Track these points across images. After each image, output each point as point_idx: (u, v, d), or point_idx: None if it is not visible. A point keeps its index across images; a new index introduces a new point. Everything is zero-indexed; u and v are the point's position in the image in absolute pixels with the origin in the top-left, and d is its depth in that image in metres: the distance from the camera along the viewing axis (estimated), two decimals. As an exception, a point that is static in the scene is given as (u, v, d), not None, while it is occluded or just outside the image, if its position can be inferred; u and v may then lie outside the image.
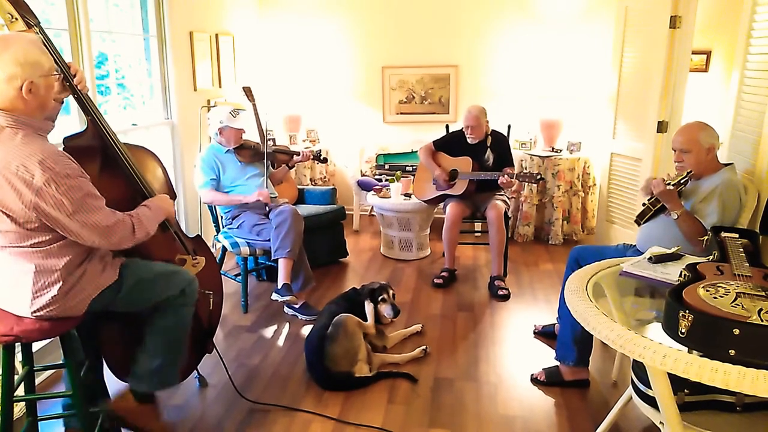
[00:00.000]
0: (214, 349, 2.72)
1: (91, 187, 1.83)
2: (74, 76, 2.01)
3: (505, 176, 3.74)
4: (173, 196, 2.42)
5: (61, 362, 2.04)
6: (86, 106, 2.07)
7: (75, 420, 2.15)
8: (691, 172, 2.55)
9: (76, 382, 1.98)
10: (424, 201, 4.29)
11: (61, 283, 1.82)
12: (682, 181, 2.55)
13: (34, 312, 1.81)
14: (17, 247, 1.78)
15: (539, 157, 4.88)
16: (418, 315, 3.56)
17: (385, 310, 3.09)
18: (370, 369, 2.81)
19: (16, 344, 1.91)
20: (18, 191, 1.68)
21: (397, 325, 3.38)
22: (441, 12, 5.35)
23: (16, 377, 1.98)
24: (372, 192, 4.74)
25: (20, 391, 2.08)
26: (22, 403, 2.37)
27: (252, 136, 3.92)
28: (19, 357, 2.05)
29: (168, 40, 4.06)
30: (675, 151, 2.64)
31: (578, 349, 2.68)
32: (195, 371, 2.80)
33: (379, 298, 3.09)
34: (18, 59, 1.68)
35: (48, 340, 2.78)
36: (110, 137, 2.13)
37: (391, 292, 3.16)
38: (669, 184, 2.54)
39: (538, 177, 3.65)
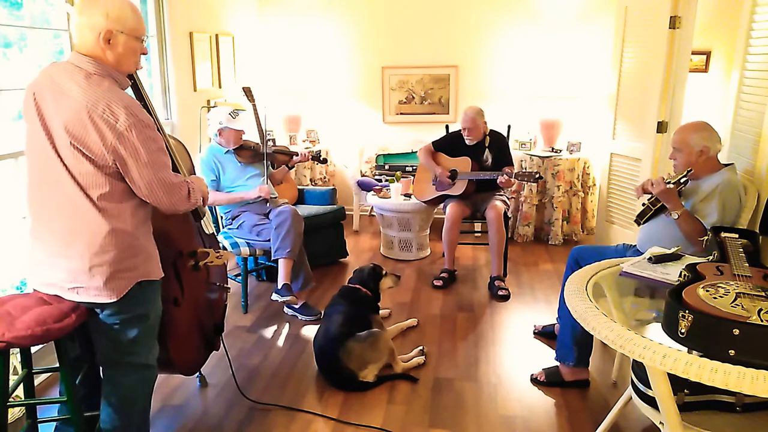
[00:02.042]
0: (222, 346, 2.72)
1: (163, 143, 1.89)
2: None
3: (504, 176, 3.74)
4: None
5: (55, 366, 2.02)
6: (139, 90, 2.10)
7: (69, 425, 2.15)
8: (691, 171, 2.54)
9: (70, 387, 1.97)
10: (424, 201, 4.29)
11: (127, 244, 1.84)
12: (681, 180, 2.55)
13: (93, 266, 1.80)
14: (93, 194, 1.78)
15: (539, 157, 4.88)
16: (418, 315, 3.56)
17: (391, 280, 3.29)
18: (374, 377, 2.81)
19: (11, 349, 1.89)
20: (101, 132, 1.73)
21: (393, 319, 3.40)
22: (441, 12, 5.35)
23: (14, 379, 1.98)
24: (372, 192, 4.74)
25: (20, 392, 2.07)
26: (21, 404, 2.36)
27: (252, 136, 3.92)
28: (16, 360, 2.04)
29: (168, 40, 4.06)
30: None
31: (578, 349, 2.68)
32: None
33: (383, 273, 3.26)
34: (105, 10, 1.77)
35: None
36: (158, 123, 2.15)
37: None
38: (669, 183, 2.54)
39: (537, 176, 3.65)
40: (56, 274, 1.85)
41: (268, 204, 3.64)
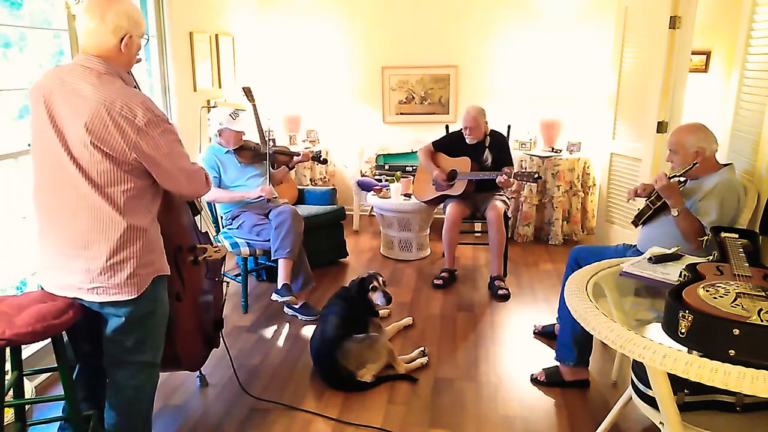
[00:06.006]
0: (223, 344, 2.72)
1: (178, 135, 1.94)
2: None
3: (503, 176, 3.74)
4: None
5: (53, 366, 2.02)
6: (137, 88, 2.11)
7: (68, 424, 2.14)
8: (696, 164, 2.52)
9: (69, 385, 1.97)
10: (424, 201, 4.29)
11: (144, 241, 1.87)
12: (685, 172, 2.53)
13: (113, 264, 1.81)
14: (111, 192, 1.80)
15: (539, 157, 4.88)
16: (418, 315, 3.56)
17: (377, 298, 3.07)
18: (372, 377, 2.80)
19: (6, 349, 1.89)
20: (121, 129, 1.76)
21: (394, 319, 3.41)
22: (441, 12, 5.35)
23: (7, 382, 1.97)
24: (372, 192, 4.74)
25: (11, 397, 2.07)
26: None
27: (252, 136, 3.92)
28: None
29: (168, 40, 4.06)
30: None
31: (578, 349, 2.68)
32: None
33: (370, 287, 3.09)
34: (128, 13, 1.81)
35: (42, 344, 2.78)
36: None
37: (380, 279, 3.14)
38: (672, 177, 2.54)
39: (536, 176, 3.65)
40: (73, 276, 1.85)
41: (269, 203, 3.64)
